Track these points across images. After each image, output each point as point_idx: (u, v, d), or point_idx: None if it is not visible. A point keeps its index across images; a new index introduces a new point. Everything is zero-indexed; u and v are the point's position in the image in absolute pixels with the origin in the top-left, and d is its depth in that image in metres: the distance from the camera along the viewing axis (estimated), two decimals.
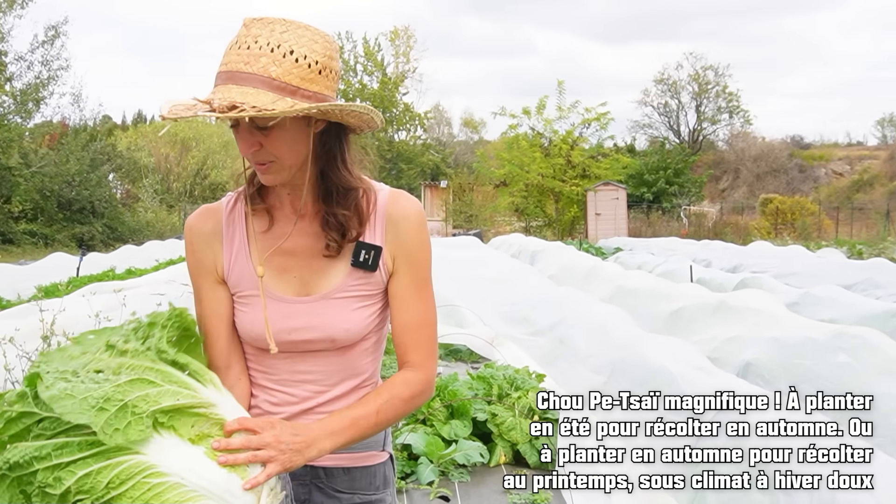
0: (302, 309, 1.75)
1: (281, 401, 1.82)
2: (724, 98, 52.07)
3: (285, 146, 1.62)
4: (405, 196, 1.81)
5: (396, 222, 1.76)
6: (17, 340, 3.82)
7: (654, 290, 9.21)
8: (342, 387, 1.81)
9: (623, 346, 5.80)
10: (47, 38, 30.95)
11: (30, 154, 31.12)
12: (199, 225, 1.84)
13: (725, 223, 34.61)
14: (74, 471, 1.35)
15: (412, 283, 1.78)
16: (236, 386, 1.81)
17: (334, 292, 1.75)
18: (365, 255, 1.74)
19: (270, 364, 1.81)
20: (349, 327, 1.75)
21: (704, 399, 4.17)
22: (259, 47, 1.54)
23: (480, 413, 4.89)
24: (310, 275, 1.76)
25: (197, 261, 1.84)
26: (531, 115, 35.17)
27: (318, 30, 1.61)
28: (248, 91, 1.51)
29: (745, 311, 7.13)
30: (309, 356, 1.78)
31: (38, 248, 27.57)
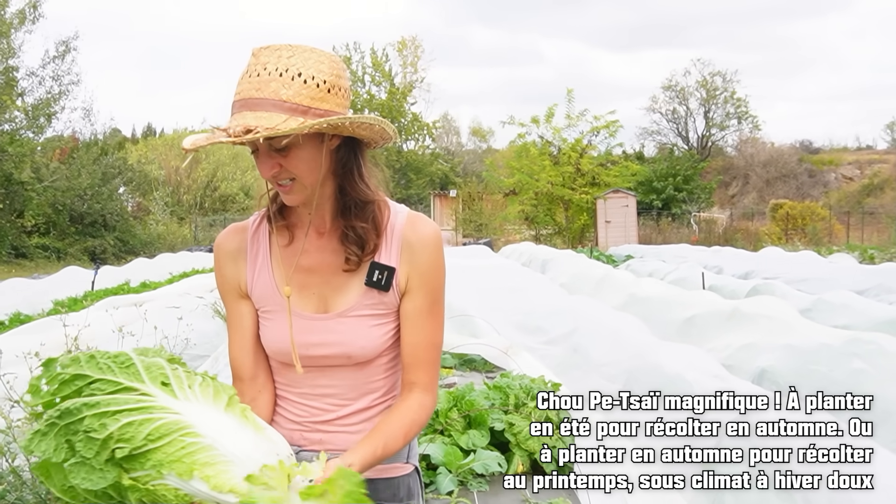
0: (320, 325, 1.82)
1: (303, 412, 1.89)
2: (733, 104, 52.01)
3: (303, 164, 1.68)
4: (423, 220, 1.86)
5: (412, 245, 1.82)
6: (41, 354, 3.87)
7: (666, 297, 9.22)
8: (362, 401, 1.87)
9: (637, 354, 5.83)
10: (58, 54, 31.16)
11: (42, 168, 31.30)
12: (226, 243, 1.93)
13: (736, 229, 34.53)
14: (119, 418, 1.44)
15: (424, 304, 1.83)
16: (259, 397, 1.89)
17: (351, 310, 1.81)
18: (378, 275, 1.79)
19: (292, 378, 1.89)
20: (365, 344, 1.81)
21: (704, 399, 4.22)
22: (268, 73, 1.61)
23: (497, 423, 4.92)
24: (329, 292, 1.83)
25: (223, 277, 1.93)
26: (540, 123, 35.21)
27: (324, 51, 1.68)
28: (261, 115, 1.58)
29: (758, 318, 7.15)
30: (328, 371, 1.85)
31: (50, 261, 27.73)
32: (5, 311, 10.50)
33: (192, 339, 6.65)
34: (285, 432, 1.86)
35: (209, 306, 8.82)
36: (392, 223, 1.83)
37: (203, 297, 9.91)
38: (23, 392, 3.68)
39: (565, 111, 34.65)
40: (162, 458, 1.44)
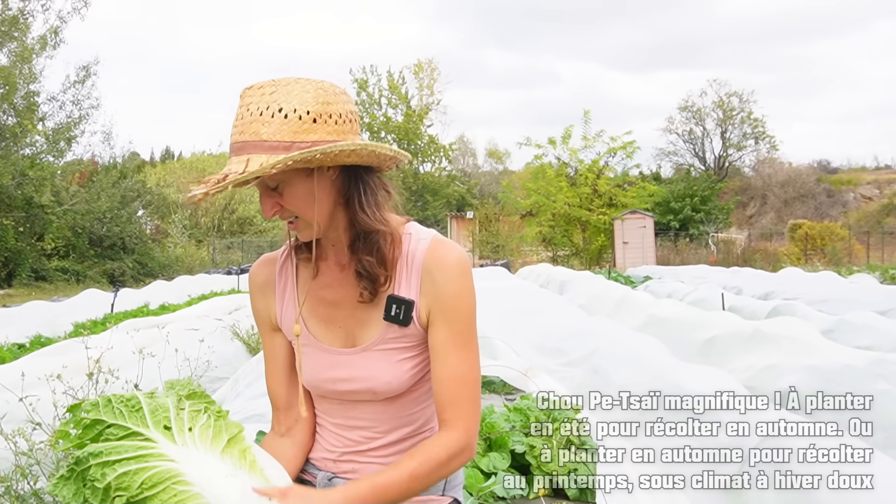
0: (345, 360, 1.78)
1: (338, 442, 1.87)
2: (750, 124, 52.01)
3: (299, 201, 1.64)
4: (446, 245, 1.76)
5: (432, 272, 1.72)
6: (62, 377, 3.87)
7: (686, 318, 9.16)
8: (395, 434, 1.83)
9: (658, 375, 5.78)
10: (79, 78, 31.47)
11: (62, 192, 31.54)
12: (256, 275, 1.93)
13: (754, 250, 34.35)
14: (116, 468, 1.47)
15: (449, 336, 1.72)
16: (295, 427, 1.89)
17: (374, 344, 1.76)
18: (396, 309, 1.72)
19: (327, 408, 1.88)
20: (390, 380, 1.76)
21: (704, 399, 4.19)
22: (251, 114, 1.57)
23: (518, 445, 4.90)
24: (354, 325, 1.78)
25: (256, 308, 1.93)
26: (556, 144, 35.25)
27: (312, 80, 1.61)
28: (243, 159, 1.55)
29: (780, 339, 7.08)
30: (358, 404, 1.82)
31: (70, 284, 27.88)
32: (26, 333, 10.54)
33: (213, 364, 6.66)
34: (320, 460, 1.87)
35: (228, 328, 8.83)
36: (412, 251, 1.75)
37: (222, 320, 9.92)
38: (45, 414, 3.69)
39: (582, 132, 34.71)
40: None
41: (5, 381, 4.25)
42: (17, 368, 4.97)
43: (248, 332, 8.79)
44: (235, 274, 23.06)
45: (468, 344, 1.74)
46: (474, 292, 1.77)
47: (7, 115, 29.35)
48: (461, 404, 1.72)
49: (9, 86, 28.07)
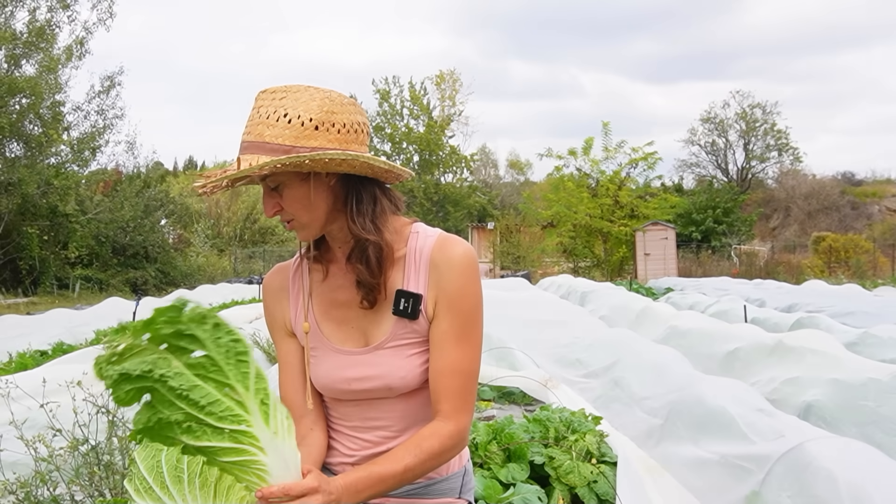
0: (358, 360, 1.81)
1: (356, 445, 1.88)
2: (773, 136, 51.73)
3: (298, 204, 1.69)
4: (452, 241, 1.80)
5: (439, 267, 1.76)
6: (84, 384, 3.89)
7: (708, 330, 9.10)
8: (412, 431, 1.84)
9: (680, 387, 5.74)
10: (103, 88, 31.78)
11: (86, 201, 31.85)
12: (271, 282, 1.98)
13: (777, 262, 34.10)
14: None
15: (451, 328, 1.75)
16: (310, 434, 1.90)
17: (386, 342, 1.79)
18: (404, 303, 1.76)
19: (344, 411, 1.89)
20: (404, 375, 1.78)
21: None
22: (259, 116, 1.63)
23: (537, 456, 4.86)
24: (366, 325, 1.82)
25: (270, 315, 1.98)
26: (577, 155, 35.19)
27: (322, 89, 1.65)
28: (246, 158, 1.60)
29: (803, 352, 7.02)
30: (375, 403, 1.84)
31: (93, 292, 28.10)
32: (49, 341, 10.61)
33: None
34: (338, 465, 1.89)
35: (248, 337, 8.84)
36: (420, 247, 1.79)
37: (242, 328, 9.92)
38: (65, 421, 3.71)
39: (602, 143, 34.63)
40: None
41: (27, 388, 4.27)
42: (39, 375, 4.99)
43: (267, 341, 8.81)
44: (256, 283, 23.18)
45: (469, 337, 1.77)
46: (480, 287, 1.79)
47: (33, 124, 29.68)
48: (456, 396, 1.76)
49: (35, 96, 28.38)
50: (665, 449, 5.24)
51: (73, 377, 4.00)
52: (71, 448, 3.58)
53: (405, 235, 1.82)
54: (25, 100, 28.61)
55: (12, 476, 3.48)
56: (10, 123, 27.84)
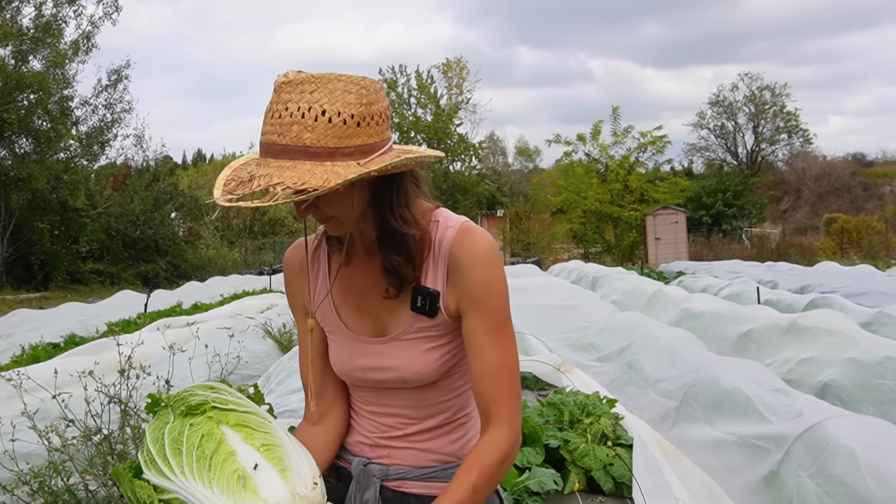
0: (375, 349, 1.75)
1: (374, 428, 1.84)
2: (782, 118, 51.40)
3: (339, 205, 1.59)
4: (473, 233, 1.69)
5: (461, 263, 1.66)
6: (95, 374, 3.87)
7: (721, 312, 9.04)
8: (430, 421, 1.79)
9: (694, 369, 5.69)
10: (110, 82, 31.80)
11: (95, 195, 31.90)
12: (291, 259, 1.89)
13: (789, 244, 33.95)
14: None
15: (482, 327, 1.66)
16: (328, 414, 1.86)
17: (402, 334, 1.73)
18: (421, 300, 1.68)
19: (361, 395, 1.85)
20: (419, 369, 1.72)
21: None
22: (290, 114, 1.46)
23: (552, 440, 4.83)
24: (384, 314, 1.75)
25: (290, 293, 1.90)
26: (586, 141, 35.07)
27: (352, 77, 1.50)
28: (284, 165, 1.45)
29: (818, 332, 6.96)
30: (391, 392, 1.78)
31: (104, 286, 28.16)
32: (61, 334, 10.64)
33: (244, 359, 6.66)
34: (356, 444, 1.85)
35: (259, 327, 8.85)
36: (439, 239, 1.69)
37: (254, 318, 9.95)
38: (77, 411, 3.69)
39: (611, 128, 34.48)
40: None
41: (40, 380, 4.25)
42: (51, 367, 4.98)
43: (279, 331, 8.80)
44: (267, 274, 23.17)
45: (503, 334, 1.68)
46: (505, 280, 1.70)
47: (41, 120, 29.73)
48: (503, 398, 1.66)
49: (43, 91, 28.41)
50: (680, 431, 5.20)
51: (85, 368, 3.97)
52: (84, 438, 3.56)
53: (428, 232, 1.72)
54: (33, 95, 28.65)
55: (25, 467, 3.46)
56: (18, 119, 27.89)
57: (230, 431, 1.55)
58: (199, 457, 1.49)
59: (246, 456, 1.51)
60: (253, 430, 1.57)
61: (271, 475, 1.49)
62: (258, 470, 1.48)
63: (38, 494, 3.47)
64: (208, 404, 1.59)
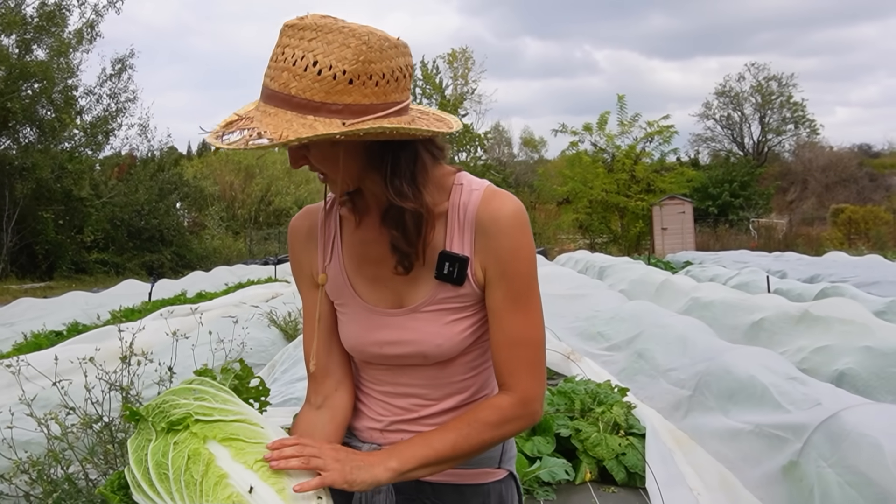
0: (392, 322, 1.63)
1: (386, 411, 1.72)
2: (789, 108, 51.19)
3: (328, 163, 1.49)
4: (500, 196, 1.60)
5: (487, 228, 1.56)
6: (96, 362, 3.78)
7: (731, 301, 8.93)
8: (448, 402, 1.68)
9: (707, 358, 5.59)
10: (115, 72, 31.70)
11: (100, 185, 31.86)
12: (298, 226, 1.77)
13: (796, 234, 33.80)
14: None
15: (507, 296, 1.56)
16: (333, 395, 1.73)
17: (423, 305, 1.61)
18: (449, 267, 1.56)
19: (373, 374, 1.73)
20: (441, 343, 1.60)
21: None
22: (285, 59, 1.38)
23: (563, 429, 4.74)
24: (402, 285, 1.63)
25: (296, 262, 1.77)
26: (593, 131, 34.91)
27: (359, 31, 1.39)
28: (269, 111, 1.39)
29: (831, 321, 6.86)
30: (408, 369, 1.67)
31: (109, 276, 28.13)
32: (64, 322, 10.57)
33: (248, 347, 6.59)
34: (365, 430, 1.73)
35: (264, 316, 8.76)
36: (464, 203, 1.59)
37: (259, 307, 9.86)
38: (79, 399, 3.60)
39: (618, 118, 34.30)
40: None
41: (41, 367, 4.16)
42: (53, 354, 4.90)
43: (284, 319, 8.72)
44: (272, 264, 23.11)
45: (528, 303, 1.58)
46: (534, 246, 1.60)
47: (46, 109, 29.65)
48: (520, 368, 1.57)
49: (47, 80, 28.32)
50: (694, 420, 5.10)
51: (85, 355, 3.88)
52: (84, 425, 3.47)
53: (447, 188, 1.62)
54: (37, 84, 28.56)
55: (24, 455, 3.37)
56: (22, 108, 27.82)
57: (219, 449, 1.41)
58: (187, 482, 1.36)
59: (239, 477, 1.37)
60: (244, 442, 1.43)
61: (269, 496, 1.35)
62: (254, 493, 1.35)
63: (37, 483, 3.39)
64: (191, 417, 1.43)
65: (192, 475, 1.36)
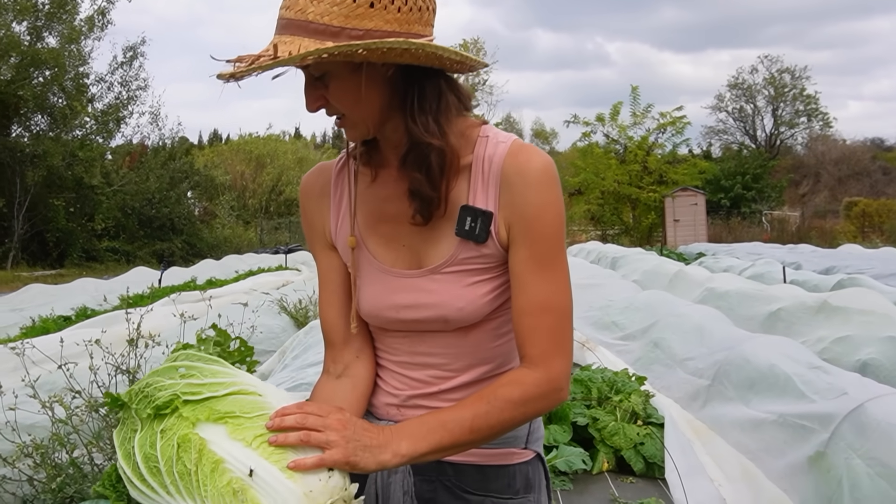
0: (410, 284, 1.50)
1: (402, 385, 1.58)
2: (802, 101, 50.86)
3: (347, 98, 1.38)
4: (528, 150, 1.46)
5: (512, 182, 1.43)
6: (103, 345, 3.69)
7: (747, 291, 8.80)
8: (470, 373, 1.54)
9: (726, 347, 5.47)
10: (126, 59, 31.68)
11: (111, 173, 31.87)
12: (311, 185, 1.65)
13: (809, 227, 33.58)
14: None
15: (531, 257, 1.42)
16: (354, 364, 1.60)
17: (444, 265, 1.48)
18: (471, 222, 1.44)
19: (389, 343, 1.59)
20: (463, 306, 1.47)
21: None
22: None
23: (580, 417, 4.63)
24: (419, 244, 1.50)
25: (308, 224, 1.65)
26: (605, 121, 34.73)
27: None
28: (284, 40, 1.30)
29: (851, 311, 6.73)
30: (427, 336, 1.53)
31: (120, 264, 28.14)
32: (73, 308, 10.52)
33: (258, 332, 6.50)
34: (382, 406, 1.60)
35: (275, 303, 8.68)
36: (489, 155, 1.46)
37: (269, 294, 9.77)
38: (85, 383, 3.51)
39: (630, 109, 34.09)
40: None
41: (48, 351, 4.08)
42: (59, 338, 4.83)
43: (295, 307, 8.64)
44: (283, 253, 23.06)
45: (555, 266, 1.44)
46: (562, 205, 1.46)
47: (57, 97, 29.65)
48: (543, 338, 1.42)
49: (58, 68, 28.30)
50: (712, 410, 4.98)
51: (92, 337, 3.80)
52: (88, 408, 3.37)
53: (472, 140, 1.49)
54: (49, 72, 28.55)
55: (28, 439, 3.29)
56: (34, 96, 27.83)
57: (212, 430, 1.25)
58: (181, 473, 1.22)
59: (237, 459, 1.21)
60: (241, 417, 1.26)
61: (273, 477, 1.20)
62: (255, 476, 1.19)
63: (41, 467, 3.30)
64: (178, 399, 1.27)
65: (184, 465, 1.22)
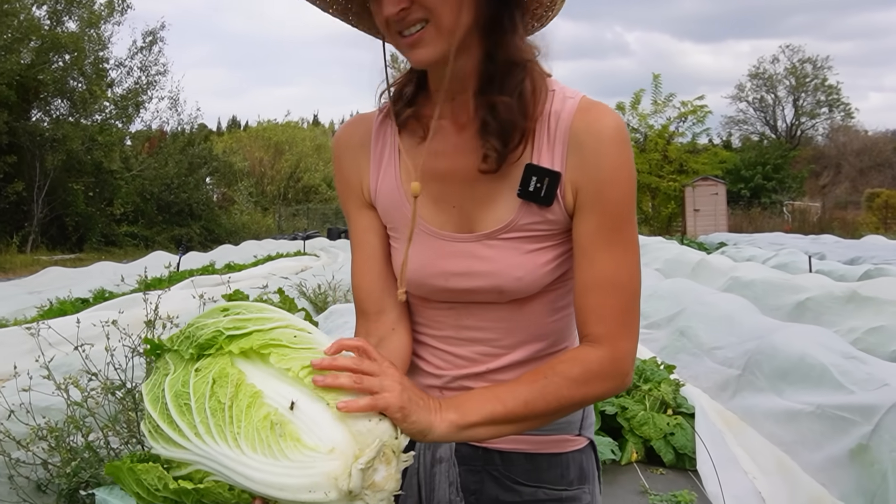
0: (462, 249, 1.33)
1: (445, 363, 1.41)
2: (823, 91, 50.30)
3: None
4: (599, 107, 1.28)
5: (583, 143, 1.25)
6: (120, 327, 3.59)
7: (773, 281, 8.64)
8: (521, 351, 1.37)
9: (756, 336, 5.33)
10: (145, 44, 31.68)
11: (130, 158, 31.91)
12: (347, 136, 1.46)
13: (831, 218, 33.22)
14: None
15: (600, 228, 1.26)
16: (389, 337, 1.41)
17: (502, 230, 1.30)
18: (536, 182, 1.26)
19: (431, 316, 1.42)
20: (521, 275, 1.29)
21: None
22: None
23: (608, 406, 4.50)
24: (472, 206, 1.33)
25: (344, 180, 1.46)
26: (626, 110, 34.41)
27: None
28: None
29: (882, 302, 6.58)
30: (475, 308, 1.36)
31: (138, 249, 28.19)
32: (91, 290, 10.47)
33: None
34: (422, 387, 1.34)
35: (294, 287, 8.59)
36: (556, 111, 1.28)
37: (288, 278, 9.69)
38: (100, 364, 3.41)
39: (651, 97, 33.77)
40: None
41: (64, 333, 3.98)
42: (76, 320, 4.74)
43: (314, 292, 8.54)
44: (301, 239, 23.01)
45: (623, 239, 1.28)
46: (634, 169, 1.30)
47: (76, 81, 29.66)
48: (611, 317, 1.26)
49: (78, 52, 28.30)
50: (743, 400, 4.85)
51: (109, 318, 3.70)
52: (104, 390, 3.27)
53: (545, 84, 1.31)
54: (68, 56, 28.55)
55: (42, 421, 3.20)
56: (53, 80, 27.84)
57: (252, 364, 1.08)
58: (213, 409, 1.05)
59: (278, 393, 1.05)
60: (287, 348, 1.09)
61: (318, 412, 1.04)
62: (297, 410, 1.03)
63: (55, 451, 3.21)
64: (222, 335, 1.10)
65: (218, 400, 1.05)
